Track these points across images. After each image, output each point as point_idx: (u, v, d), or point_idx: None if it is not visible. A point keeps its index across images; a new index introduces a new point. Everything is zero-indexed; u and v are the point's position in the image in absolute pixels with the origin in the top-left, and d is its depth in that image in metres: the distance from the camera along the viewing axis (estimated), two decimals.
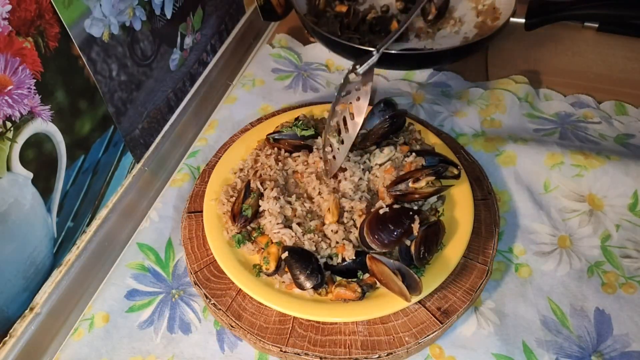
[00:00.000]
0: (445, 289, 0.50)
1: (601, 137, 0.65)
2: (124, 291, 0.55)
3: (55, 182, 0.50)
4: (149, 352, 0.51)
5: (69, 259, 0.54)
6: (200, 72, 0.73)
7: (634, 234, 0.56)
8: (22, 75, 0.43)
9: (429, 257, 0.49)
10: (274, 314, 0.50)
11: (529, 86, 0.71)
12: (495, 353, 0.48)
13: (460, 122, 0.68)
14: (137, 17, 0.57)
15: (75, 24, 0.48)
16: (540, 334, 0.50)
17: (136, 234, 0.60)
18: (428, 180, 0.51)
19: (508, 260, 0.55)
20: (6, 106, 0.43)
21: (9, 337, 0.48)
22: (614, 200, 0.58)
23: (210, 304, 0.51)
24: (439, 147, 0.59)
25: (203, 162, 0.66)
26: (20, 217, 0.46)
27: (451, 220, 0.53)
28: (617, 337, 0.49)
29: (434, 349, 0.49)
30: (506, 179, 0.61)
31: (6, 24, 0.41)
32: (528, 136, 0.65)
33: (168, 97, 0.67)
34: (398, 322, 0.48)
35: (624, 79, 0.73)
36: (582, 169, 0.60)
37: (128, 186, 0.61)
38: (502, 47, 0.79)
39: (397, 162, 0.55)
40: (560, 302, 0.52)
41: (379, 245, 0.48)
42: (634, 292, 0.52)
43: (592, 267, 0.54)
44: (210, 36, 0.74)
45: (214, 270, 0.53)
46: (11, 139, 0.44)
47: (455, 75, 0.75)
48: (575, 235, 0.56)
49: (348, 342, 0.48)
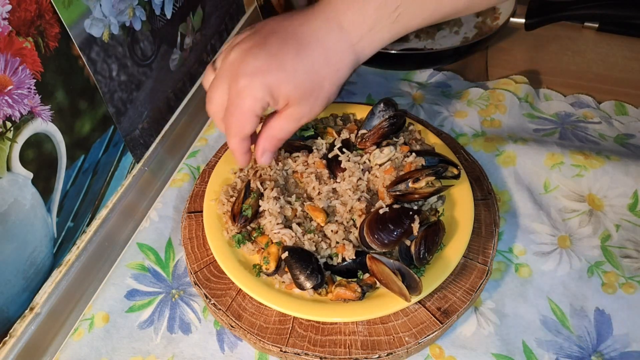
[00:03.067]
0: (445, 289, 0.50)
1: (601, 137, 0.65)
2: (124, 291, 0.55)
3: (55, 182, 0.50)
4: (149, 352, 0.51)
5: (69, 259, 0.54)
6: (200, 72, 0.73)
7: (634, 234, 0.56)
8: (22, 75, 0.43)
9: (429, 257, 0.49)
10: (274, 314, 0.50)
11: (529, 86, 0.71)
12: (495, 353, 0.49)
13: (460, 122, 0.68)
14: (137, 17, 0.57)
15: (75, 24, 0.48)
16: (540, 334, 0.50)
17: (136, 234, 0.60)
18: (428, 180, 0.51)
19: (508, 260, 0.55)
20: (6, 106, 0.43)
21: (9, 337, 0.48)
22: (614, 200, 0.58)
23: (210, 304, 0.51)
24: (439, 147, 0.59)
25: (203, 162, 0.66)
26: (20, 217, 0.46)
27: (451, 220, 0.53)
28: (617, 337, 0.49)
29: (434, 349, 0.50)
30: (506, 179, 0.61)
31: (6, 24, 0.41)
32: (528, 136, 0.65)
33: (168, 97, 0.67)
34: (398, 322, 0.48)
35: (624, 79, 0.73)
36: (582, 169, 0.60)
37: (128, 186, 0.61)
38: (502, 47, 0.80)
39: (397, 162, 0.55)
40: (560, 302, 0.52)
41: (379, 245, 0.48)
42: (634, 292, 0.52)
43: (592, 267, 0.54)
44: (210, 36, 0.74)
45: (214, 270, 0.53)
46: (11, 139, 0.44)
47: (455, 75, 0.75)
48: (575, 235, 0.56)
49: (348, 342, 0.48)
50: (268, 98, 0.45)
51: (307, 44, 0.45)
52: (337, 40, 0.45)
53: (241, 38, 0.47)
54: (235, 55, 0.45)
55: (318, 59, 0.45)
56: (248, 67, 0.44)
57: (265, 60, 0.44)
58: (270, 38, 0.45)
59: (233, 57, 0.45)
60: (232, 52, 0.46)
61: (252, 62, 0.44)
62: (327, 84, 0.46)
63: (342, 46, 0.45)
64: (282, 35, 0.45)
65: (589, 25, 0.81)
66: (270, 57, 0.44)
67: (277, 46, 0.44)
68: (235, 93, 0.45)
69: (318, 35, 0.45)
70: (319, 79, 0.45)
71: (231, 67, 0.45)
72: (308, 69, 0.45)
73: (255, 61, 0.44)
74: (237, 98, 0.45)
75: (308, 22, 0.46)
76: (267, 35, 0.45)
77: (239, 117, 0.46)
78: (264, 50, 0.44)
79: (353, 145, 0.57)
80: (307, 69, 0.45)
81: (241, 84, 0.44)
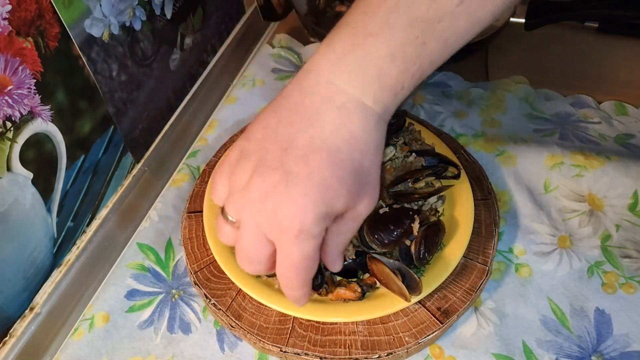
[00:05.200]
0: (445, 289, 0.50)
1: (601, 137, 0.65)
2: (124, 291, 0.55)
3: (55, 182, 0.50)
4: (149, 352, 0.51)
5: (69, 259, 0.54)
6: (200, 72, 0.73)
7: (634, 234, 0.56)
8: (22, 75, 0.43)
9: (429, 257, 0.49)
10: (274, 314, 0.50)
11: (529, 86, 0.71)
12: (495, 353, 0.49)
13: (461, 122, 0.68)
14: (137, 17, 0.57)
15: (75, 24, 0.48)
16: (540, 334, 0.50)
17: (136, 234, 0.60)
18: (428, 180, 0.51)
19: (508, 260, 0.55)
20: (6, 106, 0.43)
21: (9, 337, 0.48)
22: (614, 201, 0.58)
23: (210, 304, 0.51)
24: (439, 147, 0.59)
25: (203, 162, 0.66)
26: (20, 217, 0.46)
27: (451, 220, 0.53)
28: (617, 337, 0.49)
29: (434, 349, 0.50)
30: (506, 179, 0.61)
31: (6, 24, 0.41)
32: (528, 136, 0.65)
33: (168, 97, 0.67)
34: (398, 322, 0.48)
35: (624, 79, 0.73)
36: (582, 169, 0.60)
37: (128, 186, 0.61)
38: (502, 47, 0.79)
39: (397, 162, 0.55)
40: (560, 302, 0.52)
41: (379, 245, 0.48)
42: (634, 292, 0.52)
43: (592, 267, 0.54)
44: (210, 36, 0.74)
45: (214, 270, 0.53)
46: (11, 139, 0.44)
47: (455, 75, 0.75)
48: (575, 236, 0.56)
49: (348, 342, 0.48)
50: (326, 224, 0.37)
51: (336, 149, 0.36)
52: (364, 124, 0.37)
53: (245, 175, 0.37)
54: (264, 204, 0.36)
55: (355, 156, 0.36)
56: (290, 210, 0.35)
57: (304, 192, 0.35)
58: (289, 162, 0.35)
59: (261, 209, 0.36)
60: (251, 203, 0.36)
61: (293, 204, 0.35)
62: (372, 168, 0.38)
63: (371, 126, 0.37)
64: (301, 151, 0.35)
65: (589, 25, 0.81)
66: (306, 185, 0.35)
67: (304, 169, 0.35)
68: (287, 243, 0.36)
69: (341, 131, 0.36)
70: (364, 171, 0.37)
71: (266, 217, 0.36)
72: (351, 170, 0.36)
73: (295, 200, 0.35)
74: (293, 247, 0.36)
75: (320, 121, 0.36)
76: (283, 160, 0.36)
77: (304, 264, 0.37)
78: (294, 180, 0.35)
79: None
80: (351, 171, 0.36)
81: (292, 232, 0.35)
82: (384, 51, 0.36)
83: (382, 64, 0.36)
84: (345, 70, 0.36)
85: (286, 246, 0.37)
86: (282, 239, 0.36)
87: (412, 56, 0.37)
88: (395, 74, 0.37)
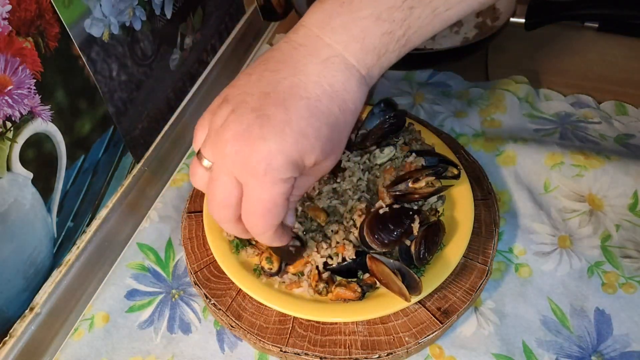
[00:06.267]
0: (445, 289, 0.50)
1: (601, 137, 0.65)
2: (124, 291, 0.55)
3: (55, 182, 0.50)
4: (149, 352, 0.51)
5: (69, 259, 0.54)
6: (200, 72, 0.73)
7: (634, 234, 0.56)
8: (22, 75, 0.43)
9: (429, 257, 0.49)
10: (274, 314, 0.50)
11: (529, 86, 0.71)
12: (495, 353, 0.49)
13: (460, 122, 0.68)
14: (137, 17, 0.57)
15: (75, 24, 0.48)
16: (540, 334, 0.50)
17: (136, 234, 0.60)
18: (428, 180, 0.51)
19: (508, 260, 0.55)
20: (6, 106, 0.43)
21: (9, 337, 0.48)
22: (614, 200, 0.58)
23: (210, 304, 0.51)
24: (439, 147, 0.59)
25: None
26: (20, 217, 0.46)
27: (451, 220, 0.53)
28: (617, 337, 0.49)
29: (434, 349, 0.50)
30: (506, 179, 0.61)
31: (6, 24, 0.41)
32: (528, 136, 0.65)
33: (168, 97, 0.67)
34: (398, 322, 0.48)
35: (624, 79, 0.73)
36: (582, 169, 0.60)
37: (128, 186, 0.61)
38: (502, 47, 0.79)
39: (397, 162, 0.55)
40: (560, 302, 0.52)
41: (379, 245, 0.48)
42: (634, 292, 0.52)
43: (592, 267, 0.54)
44: (210, 36, 0.74)
45: (214, 270, 0.53)
46: (11, 139, 0.44)
47: (455, 75, 0.75)
48: (575, 235, 0.56)
49: (348, 342, 0.48)
50: (296, 173, 0.37)
51: (316, 98, 0.37)
52: (345, 80, 0.38)
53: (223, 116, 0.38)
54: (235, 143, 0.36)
55: (333, 110, 0.38)
56: (261, 150, 0.35)
57: (279, 135, 0.35)
58: (268, 105, 0.36)
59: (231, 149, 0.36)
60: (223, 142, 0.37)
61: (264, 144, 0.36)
62: (347, 128, 0.40)
63: (352, 85, 0.38)
64: (281, 96, 0.37)
65: (589, 25, 0.81)
66: (282, 129, 0.36)
67: (282, 112, 0.36)
68: (255, 185, 0.37)
69: (323, 84, 0.37)
70: (340, 128, 0.39)
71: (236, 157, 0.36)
72: (327, 123, 0.37)
73: (267, 141, 0.35)
74: (260, 189, 0.37)
75: (303, 71, 0.38)
76: (262, 102, 0.37)
77: (270, 208, 0.38)
78: (270, 123, 0.36)
79: (353, 145, 0.57)
80: (327, 124, 0.37)
81: (259, 173, 0.36)
82: (369, 11, 0.37)
83: (367, 23, 0.37)
84: (333, 27, 0.38)
85: (253, 187, 0.37)
86: (249, 180, 0.37)
87: (398, 19, 0.38)
88: (380, 34, 0.38)
